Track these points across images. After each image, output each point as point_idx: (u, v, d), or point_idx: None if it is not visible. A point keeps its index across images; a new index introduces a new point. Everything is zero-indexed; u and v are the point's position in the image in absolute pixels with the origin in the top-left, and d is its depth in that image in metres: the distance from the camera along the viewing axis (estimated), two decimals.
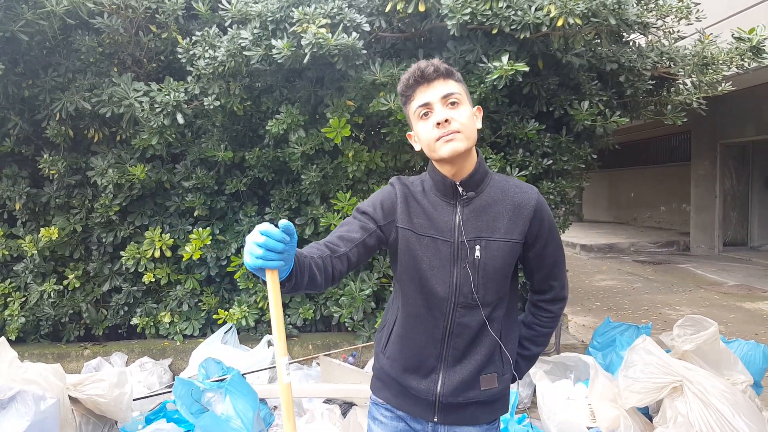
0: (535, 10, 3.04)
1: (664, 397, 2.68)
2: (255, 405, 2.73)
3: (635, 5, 3.44)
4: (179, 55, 3.57)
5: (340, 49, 3.07)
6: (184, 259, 3.93)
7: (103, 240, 4.07)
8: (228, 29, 3.41)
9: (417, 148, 1.44)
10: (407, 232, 1.39)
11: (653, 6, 3.91)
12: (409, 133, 1.47)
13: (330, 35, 3.05)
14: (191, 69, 3.54)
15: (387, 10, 3.26)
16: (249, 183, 4.07)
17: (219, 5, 3.50)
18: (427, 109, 1.34)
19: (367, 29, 3.29)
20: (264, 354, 3.65)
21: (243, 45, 3.28)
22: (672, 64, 3.99)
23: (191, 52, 3.52)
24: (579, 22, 2.97)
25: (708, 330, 2.85)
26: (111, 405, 2.69)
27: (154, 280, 3.98)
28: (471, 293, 1.37)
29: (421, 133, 1.37)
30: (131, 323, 4.16)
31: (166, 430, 2.68)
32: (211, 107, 3.54)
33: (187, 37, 3.61)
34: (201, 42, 3.50)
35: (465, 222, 1.37)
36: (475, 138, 1.37)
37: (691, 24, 4.16)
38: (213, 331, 4.03)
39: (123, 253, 3.94)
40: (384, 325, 1.56)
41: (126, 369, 3.57)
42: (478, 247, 1.36)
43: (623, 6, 3.09)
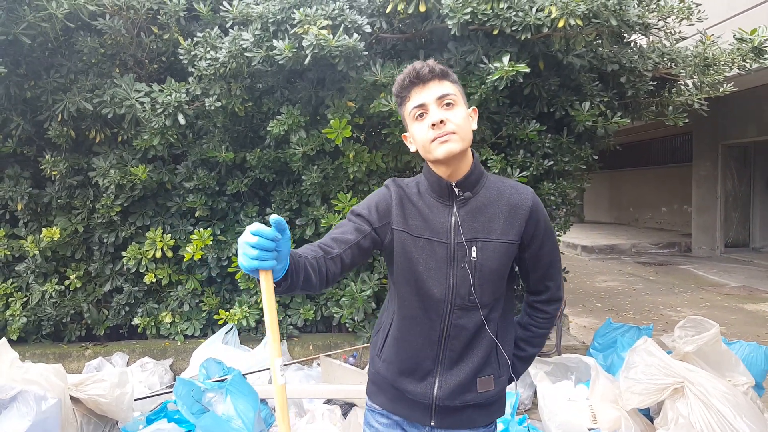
0: (536, 11, 3.04)
1: (665, 399, 2.68)
2: (256, 405, 2.74)
3: (636, 6, 3.44)
4: (181, 56, 3.58)
5: (341, 51, 3.08)
6: (185, 260, 3.93)
7: (105, 240, 4.07)
8: (229, 30, 3.41)
9: (412, 149, 1.43)
10: (403, 234, 1.38)
11: (654, 7, 3.91)
12: (405, 134, 1.46)
13: (331, 36, 3.06)
14: (192, 70, 3.55)
15: (388, 11, 3.27)
16: (250, 184, 4.07)
17: (220, 6, 3.51)
18: (423, 110, 1.34)
19: (368, 30, 3.29)
20: (265, 354, 3.66)
21: (244, 46, 3.29)
22: (673, 64, 3.99)
23: (193, 53, 3.53)
24: (580, 23, 2.97)
25: (709, 331, 2.84)
26: (112, 405, 2.70)
27: (155, 280, 3.99)
28: (468, 294, 1.36)
29: (417, 134, 1.36)
30: (132, 323, 4.17)
31: (167, 430, 2.68)
32: (213, 108, 3.55)
33: (189, 38, 3.62)
34: (202, 43, 3.51)
35: (461, 223, 1.37)
36: (471, 139, 1.36)
37: (693, 25, 4.16)
38: (214, 332, 4.04)
39: (124, 254, 3.95)
40: (379, 328, 1.55)
41: (127, 369, 3.57)
42: (474, 249, 1.35)
43: (624, 7, 3.09)
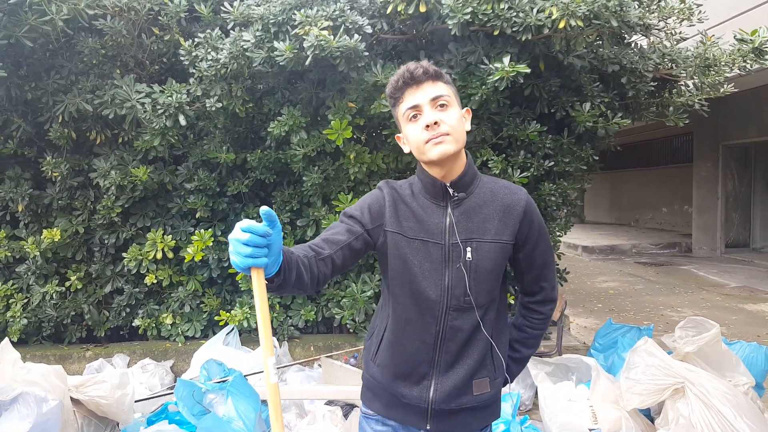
0: (537, 11, 3.04)
1: (665, 399, 2.68)
2: (257, 406, 2.73)
3: (637, 7, 3.44)
4: (182, 57, 3.58)
5: (342, 51, 3.08)
6: (185, 261, 3.93)
7: (105, 241, 4.08)
8: (230, 31, 3.42)
9: (406, 150, 1.43)
10: (396, 235, 1.38)
11: (655, 7, 3.92)
12: (398, 135, 1.46)
13: (332, 37, 3.06)
14: (193, 71, 3.55)
15: (388, 11, 3.27)
16: (251, 185, 4.07)
17: (221, 8, 3.51)
18: (416, 111, 1.33)
19: (369, 31, 3.30)
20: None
21: (245, 47, 3.29)
22: (674, 65, 3.99)
23: (194, 53, 3.53)
24: (581, 24, 2.97)
25: (710, 332, 2.84)
26: (113, 406, 2.70)
27: (155, 281, 3.99)
28: (463, 295, 1.35)
29: (410, 136, 1.36)
30: (133, 325, 4.17)
31: (168, 430, 2.68)
32: (213, 109, 3.55)
33: (190, 39, 3.62)
34: (203, 44, 3.51)
35: (456, 224, 1.36)
36: (465, 140, 1.36)
37: (693, 25, 4.16)
38: (215, 333, 4.04)
39: (125, 255, 3.95)
40: (373, 332, 1.54)
41: (128, 370, 3.57)
42: (469, 249, 1.35)
43: (625, 8, 3.09)
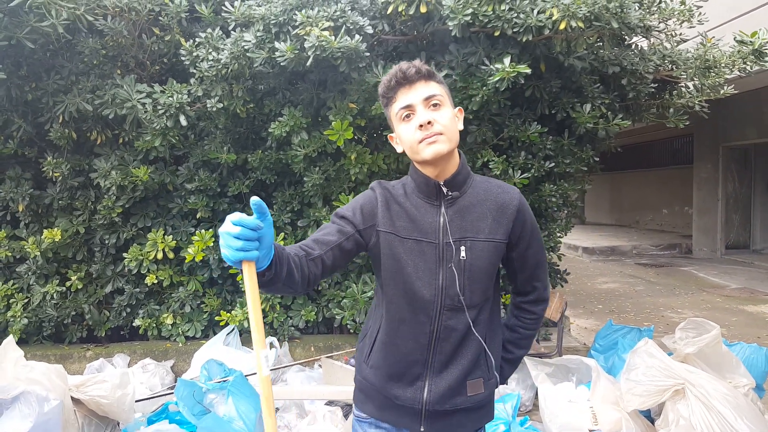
0: (538, 12, 3.05)
1: (666, 400, 2.68)
2: (257, 407, 2.73)
3: (637, 8, 3.44)
4: (183, 57, 3.58)
5: (342, 52, 3.08)
6: (186, 261, 3.93)
7: (106, 242, 4.08)
8: (231, 32, 3.42)
9: (399, 150, 1.42)
10: (390, 235, 1.37)
11: (655, 9, 3.92)
12: (391, 135, 1.46)
13: (333, 38, 3.06)
14: (194, 71, 3.55)
15: (389, 12, 3.27)
16: (251, 185, 4.08)
17: (222, 8, 3.51)
18: (409, 111, 1.33)
19: (370, 32, 3.30)
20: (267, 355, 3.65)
21: (246, 47, 3.30)
22: (674, 67, 3.99)
23: (195, 54, 3.53)
24: (581, 25, 2.98)
25: (710, 333, 2.84)
26: (113, 406, 2.70)
27: (156, 281, 3.99)
28: (458, 295, 1.35)
29: (404, 135, 1.35)
30: (133, 325, 4.17)
31: (168, 430, 2.68)
32: (214, 109, 3.55)
33: (191, 40, 3.63)
34: (204, 44, 3.51)
35: (449, 222, 1.36)
36: (458, 139, 1.36)
37: (694, 27, 4.17)
38: (215, 333, 4.04)
39: (125, 255, 3.95)
40: (365, 334, 1.52)
41: (128, 370, 3.57)
42: (463, 248, 1.35)
43: (625, 9, 3.09)
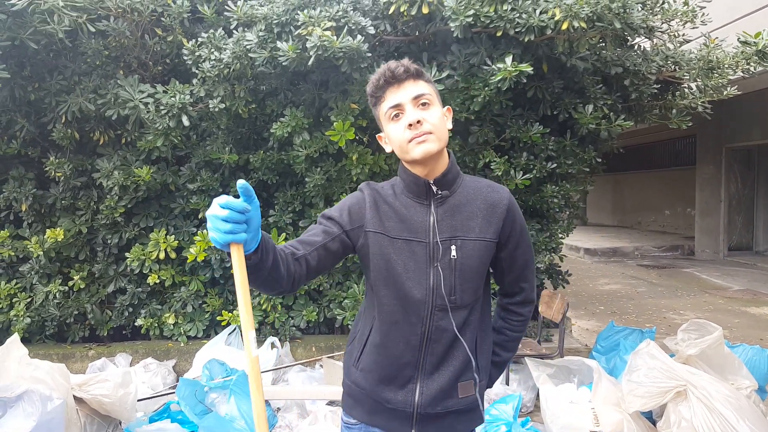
0: (540, 13, 3.04)
1: (667, 402, 2.67)
2: None
3: (640, 9, 3.44)
4: (185, 57, 3.59)
5: (344, 52, 3.08)
6: (188, 261, 3.94)
7: (109, 241, 4.09)
8: (233, 32, 3.43)
9: (387, 149, 1.42)
10: (379, 236, 1.36)
11: (658, 10, 3.92)
12: (379, 135, 1.45)
13: (335, 38, 3.06)
14: (197, 72, 3.56)
15: (391, 12, 3.27)
16: (253, 185, 4.08)
17: (225, 8, 3.52)
18: (398, 110, 1.32)
19: (372, 32, 3.30)
20: (268, 355, 3.66)
21: (248, 47, 3.30)
22: (677, 68, 3.98)
23: (197, 53, 3.54)
24: (584, 25, 2.98)
25: (712, 335, 2.84)
26: (116, 405, 2.71)
27: (158, 281, 4.00)
28: (449, 295, 1.34)
29: (393, 135, 1.34)
30: (136, 324, 4.18)
31: (170, 429, 2.69)
32: (216, 110, 3.56)
33: (193, 40, 3.63)
34: (207, 44, 3.52)
35: (440, 222, 1.35)
36: (447, 138, 1.35)
37: (697, 28, 4.16)
38: (217, 333, 4.05)
39: (128, 255, 3.96)
40: (354, 337, 1.50)
41: (130, 369, 3.58)
42: (453, 247, 1.34)
43: (628, 10, 3.09)
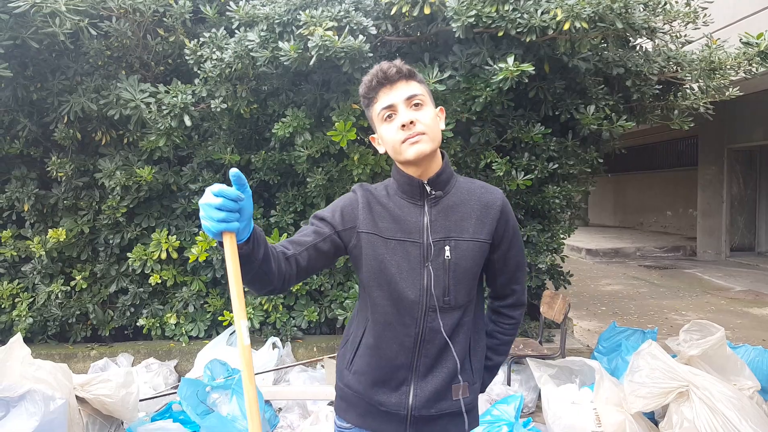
0: (542, 13, 3.04)
1: (670, 402, 2.67)
2: (260, 406, 2.74)
3: (642, 10, 3.44)
4: (187, 57, 3.59)
5: (346, 52, 3.09)
6: (190, 261, 3.95)
7: (110, 241, 4.09)
8: (235, 32, 3.43)
9: (381, 150, 1.41)
10: (372, 236, 1.35)
11: (660, 10, 3.91)
12: (372, 136, 1.44)
13: (336, 38, 3.07)
14: (198, 72, 3.56)
15: (392, 13, 3.27)
16: (255, 185, 4.08)
17: (227, 8, 3.53)
18: (391, 111, 1.32)
19: (374, 32, 3.30)
20: (269, 356, 3.66)
21: (250, 47, 3.31)
22: (679, 68, 3.98)
23: (198, 53, 3.54)
24: (585, 26, 2.97)
25: (714, 335, 2.83)
26: (118, 405, 2.71)
27: (160, 281, 4.00)
28: (443, 295, 1.34)
29: (386, 136, 1.34)
30: (137, 324, 4.18)
31: (172, 429, 2.69)
32: (218, 110, 3.56)
33: (195, 39, 3.64)
34: (208, 44, 3.52)
35: (433, 222, 1.35)
36: (440, 139, 1.36)
37: (698, 28, 4.16)
38: (218, 333, 4.05)
39: (130, 255, 3.96)
40: (347, 339, 1.49)
41: (132, 369, 3.58)
42: (447, 248, 1.33)
43: (630, 10, 3.09)
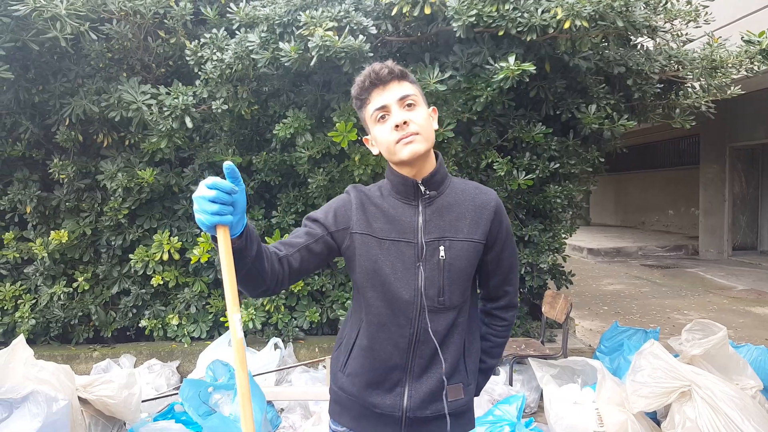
0: (542, 12, 3.04)
1: (672, 402, 2.66)
2: (263, 407, 2.74)
3: (643, 8, 3.43)
4: (187, 58, 3.60)
5: (346, 52, 3.09)
6: (192, 262, 3.95)
7: (112, 243, 4.10)
8: (236, 33, 3.44)
9: (375, 152, 1.41)
10: (366, 237, 1.35)
11: (661, 9, 3.91)
12: (366, 138, 1.44)
13: (337, 38, 3.07)
14: (199, 73, 3.57)
15: (393, 13, 3.27)
16: (256, 186, 4.09)
17: (227, 9, 3.53)
18: (384, 112, 1.32)
19: (374, 32, 3.30)
20: (271, 356, 3.66)
21: (250, 48, 3.31)
22: (680, 67, 3.97)
23: (199, 54, 3.55)
24: (586, 24, 2.97)
25: (717, 335, 2.82)
26: (120, 406, 2.71)
27: (162, 282, 4.01)
28: (437, 296, 1.33)
29: (379, 137, 1.34)
30: (139, 325, 4.19)
31: (174, 430, 2.70)
32: (219, 111, 3.56)
33: (195, 40, 3.64)
34: (209, 44, 3.53)
35: (428, 222, 1.34)
36: (434, 139, 1.35)
37: (700, 27, 4.15)
38: (220, 334, 4.06)
39: (132, 256, 3.97)
40: (341, 342, 1.48)
41: (134, 370, 3.58)
42: (442, 248, 1.33)
43: (631, 9, 3.09)
